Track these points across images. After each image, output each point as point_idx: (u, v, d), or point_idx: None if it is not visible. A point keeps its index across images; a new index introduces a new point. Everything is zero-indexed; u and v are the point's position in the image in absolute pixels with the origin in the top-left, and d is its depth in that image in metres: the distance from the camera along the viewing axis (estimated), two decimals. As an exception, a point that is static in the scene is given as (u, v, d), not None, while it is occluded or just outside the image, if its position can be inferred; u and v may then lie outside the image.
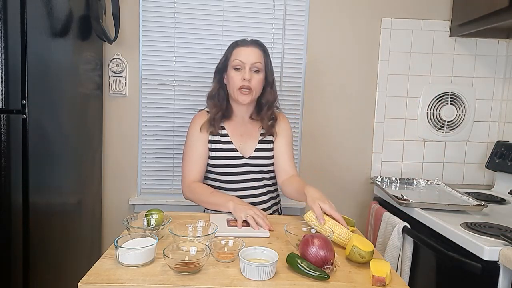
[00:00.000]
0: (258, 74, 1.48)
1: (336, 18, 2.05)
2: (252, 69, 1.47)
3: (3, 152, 1.20)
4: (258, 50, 1.49)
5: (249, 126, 1.57)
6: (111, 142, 2.03)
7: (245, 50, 1.48)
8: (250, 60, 1.46)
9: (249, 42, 1.51)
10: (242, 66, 1.46)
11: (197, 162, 1.53)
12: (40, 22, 1.34)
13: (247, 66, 1.46)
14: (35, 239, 1.32)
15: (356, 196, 2.15)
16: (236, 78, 1.47)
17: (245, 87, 1.46)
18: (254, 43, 1.51)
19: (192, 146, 1.54)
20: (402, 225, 1.58)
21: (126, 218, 1.19)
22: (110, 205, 2.06)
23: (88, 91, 1.81)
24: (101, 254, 1.08)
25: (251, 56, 1.47)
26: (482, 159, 2.15)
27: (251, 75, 1.46)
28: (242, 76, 1.45)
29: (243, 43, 1.50)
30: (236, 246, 1.09)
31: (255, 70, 1.48)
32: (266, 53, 1.52)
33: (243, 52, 1.47)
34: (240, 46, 1.49)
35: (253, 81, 1.47)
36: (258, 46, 1.51)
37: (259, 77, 1.48)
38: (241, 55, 1.47)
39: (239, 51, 1.48)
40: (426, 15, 2.07)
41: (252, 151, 1.54)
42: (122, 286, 0.91)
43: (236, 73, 1.47)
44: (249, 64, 1.46)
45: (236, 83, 1.47)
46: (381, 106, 2.11)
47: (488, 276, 1.20)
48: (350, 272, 1.03)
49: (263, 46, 1.53)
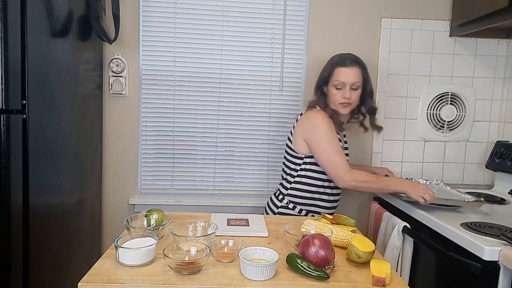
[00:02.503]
0: (356, 90, 1.65)
1: (336, 18, 2.05)
2: (351, 87, 1.63)
3: (3, 152, 1.20)
4: (357, 69, 1.63)
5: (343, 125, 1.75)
6: (111, 142, 2.03)
7: (345, 71, 1.62)
8: (350, 81, 1.62)
9: (349, 62, 1.63)
10: (343, 86, 1.63)
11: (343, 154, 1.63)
12: (40, 22, 1.34)
13: (347, 86, 1.62)
14: (35, 239, 1.32)
15: (356, 196, 2.15)
16: (337, 96, 1.64)
17: (346, 102, 1.64)
18: (354, 63, 1.63)
19: (335, 138, 1.62)
20: (402, 225, 1.58)
21: (126, 218, 1.19)
22: (110, 205, 2.06)
23: (88, 91, 1.81)
24: (101, 254, 1.08)
25: (350, 77, 1.62)
26: (482, 159, 2.15)
27: (351, 94, 1.63)
28: (343, 95, 1.63)
29: (343, 63, 1.63)
30: (236, 246, 1.09)
31: (354, 89, 1.64)
32: (364, 69, 1.67)
33: (343, 73, 1.62)
34: (341, 67, 1.63)
35: (352, 98, 1.64)
36: (357, 64, 1.64)
37: (357, 93, 1.66)
38: (341, 76, 1.62)
39: (340, 72, 1.63)
40: (426, 15, 2.07)
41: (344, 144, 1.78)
42: (122, 286, 0.91)
43: (337, 91, 1.64)
44: (349, 84, 1.62)
45: (337, 100, 1.65)
46: (381, 106, 2.11)
47: (488, 276, 1.20)
48: (350, 272, 1.03)
49: (362, 64, 1.66)
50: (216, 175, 2.09)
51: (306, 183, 1.68)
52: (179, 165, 2.07)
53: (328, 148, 1.59)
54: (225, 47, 2.02)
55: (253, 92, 2.05)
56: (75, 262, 1.69)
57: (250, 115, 2.06)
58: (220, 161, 2.08)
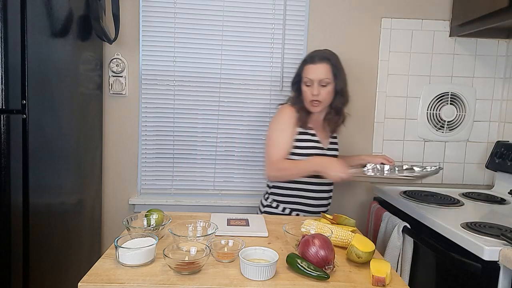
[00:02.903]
0: (326, 87, 1.62)
1: (336, 18, 2.05)
2: (320, 84, 1.60)
3: (3, 152, 1.20)
4: (325, 66, 1.61)
5: (325, 124, 1.73)
6: (111, 142, 2.03)
7: (313, 68, 1.61)
8: (318, 77, 1.60)
9: (317, 59, 1.61)
10: (311, 83, 1.61)
11: (283, 148, 1.63)
12: (40, 22, 1.34)
13: (315, 83, 1.60)
14: (35, 239, 1.32)
15: (356, 196, 2.15)
16: (307, 93, 1.63)
17: (315, 100, 1.62)
18: (322, 59, 1.61)
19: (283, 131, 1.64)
20: (402, 225, 1.58)
21: (126, 218, 1.19)
22: (110, 205, 2.06)
23: (88, 91, 1.81)
24: (101, 254, 1.08)
25: (318, 73, 1.60)
26: (482, 159, 2.15)
27: (319, 90, 1.60)
28: (311, 92, 1.61)
29: (311, 60, 1.62)
30: (236, 246, 1.09)
31: (323, 85, 1.61)
32: (334, 65, 1.63)
33: (311, 70, 1.61)
34: (309, 64, 1.62)
35: (321, 95, 1.61)
36: (326, 61, 1.61)
37: (327, 90, 1.62)
38: (309, 73, 1.61)
39: (308, 69, 1.62)
40: (426, 15, 2.07)
41: (328, 143, 1.73)
42: (122, 286, 0.91)
43: (307, 88, 1.63)
44: (317, 81, 1.60)
45: (307, 97, 1.64)
46: (381, 106, 2.11)
47: (488, 276, 1.20)
48: (350, 272, 1.03)
49: (331, 59, 1.63)
50: (216, 175, 2.09)
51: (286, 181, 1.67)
52: (179, 165, 2.07)
53: (270, 140, 1.64)
54: (225, 47, 2.02)
55: (253, 92, 2.05)
56: (75, 262, 1.69)
57: (250, 115, 2.06)
58: (220, 161, 2.08)
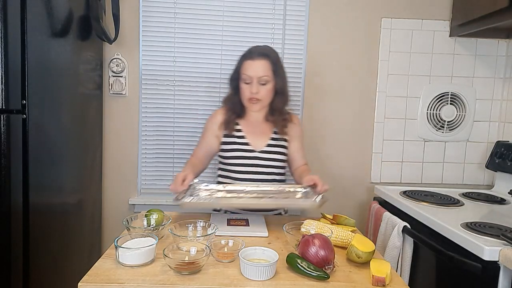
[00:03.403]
0: (265, 85, 1.53)
1: (336, 18, 2.05)
2: (260, 82, 1.52)
3: (3, 152, 1.20)
4: (265, 62, 1.52)
5: (263, 125, 1.64)
6: (111, 142, 2.03)
7: (252, 64, 1.52)
8: (257, 74, 1.51)
9: (256, 54, 1.52)
10: (250, 80, 1.52)
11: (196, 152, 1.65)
12: (40, 22, 1.34)
13: (255, 80, 1.51)
14: (35, 239, 1.32)
15: (356, 196, 2.15)
16: (245, 91, 1.54)
17: (254, 98, 1.53)
18: (261, 56, 1.52)
19: (202, 137, 1.66)
20: (402, 225, 1.58)
21: (126, 218, 1.19)
22: (110, 205, 2.06)
23: (88, 91, 1.81)
24: (101, 254, 1.08)
25: (257, 70, 1.51)
26: (482, 159, 2.15)
27: (258, 88, 1.52)
28: (250, 90, 1.52)
29: (250, 56, 1.53)
30: (236, 246, 1.09)
31: (262, 83, 1.52)
32: (274, 62, 1.55)
33: (250, 66, 1.52)
34: (248, 60, 1.53)
35: (260, 93, 1.53)
36: (265, 57, 1.53)
37: (267, 88, 1.54)
38: (248, 70, 1.52)
39: (247, 65, 1.52)
40: (426, 15, 2.07)
41: (264, 146, 1.59)
42: (122, 286, 0.91)
43: (245, 86, 1.54)
44: (256, 78, 1.51)
45: (245, 95, 1.55)
46: (381, 106, 2.11)
47: (488, 276, 1.20)
48: (350, 272, 1.03)
49: (271, 56, 1.54)
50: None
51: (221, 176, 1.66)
52: (179, 165, 2.07)
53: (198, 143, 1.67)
54: (225, 47, 2.02)
55: (253, 92, 2.05)
56: (75, 262, 1.68)
57: (250, 115, 2.06)
58: (220, 161, 2.08)
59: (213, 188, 1.50)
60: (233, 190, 1.49)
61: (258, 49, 1.55)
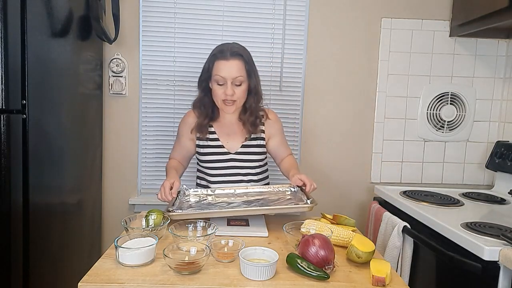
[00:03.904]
0: (240, 86, 1.48)
1: (336, 18, 2.05)
2: (234, 83, 1.47)
3: (3, 152, 1.20)
4: (238, 62, 1.46)
5: (236, 126, 1.61)
6: (111, 142, 2.03)
7: (225, 64, 1.45)
8: (231, 76, 1.45)
9: (229, 54, 1.46)
10: (224, 81, 1.46)
11: (179, 152, 1.66)
12: (40, 22, 1.34)
13: (229, 81, 1.46)
14: (35, 239, 1.32)
15: (356, 196, 2.15)
16: (219, 92, 1.48)
17: (228, 100, 1.48)
18: (234, 55, 1.46)
19: (178, 138, 1.66)
20: (402, 225, 1.58)
21: (124, 218, 1.19)
22: (110, 205, 2.06)
23: (88, 91, 1.81)
24: (101, 254, 1.08)
25: (232, 71, 1.45)
26: (482, 159, 2.15)
27: (233, 89, 1.47)
28: (225, 91, 1.47)
29: (223, 56, 1.46)
30: (236, 246, 1.09)
31: (237, 84, 1.48)
32: (247, 61, 1.49)
33: (224, 67, 1.45)
34: (220, 60, 1.46)
35: (235, 94, 1.48)
36: (238, 57, 1.47)
37: (241, 89, 1.49)
38: (221, 71, 1.45)
39: (220, 66, 1.46)
40: (426, 15, 2.07)
41: (238, 147, 1.58)
42: (122, 286, 0.91)
43: (219, 88, 1.48)
44: (230, 79, 1.46)
45: (219, 97, 1.49)
46: (381, 106, 2.11)
47: (488, 276, 1.20)
48: (350, 272, 1.03)
49: (244, 55, 1.49)
50: (216, 175, 2.09)
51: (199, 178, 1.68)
52: (179, 165, 2.07)
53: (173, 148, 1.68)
54: (225, 47, 2.01)
55: (253, 92, 2.05)
56: (75, 262, 1.68)
57: (250, 115, 2.06)
58: (220, 161, 2.08)
59: (202, 193, 1.52)
60: (222, 194, 1.50)
61: (229, 47, 1.48)
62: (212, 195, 1.50)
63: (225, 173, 1.58)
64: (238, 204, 1.38)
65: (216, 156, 1.58)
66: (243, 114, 1.58)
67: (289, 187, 1.52)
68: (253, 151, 1.59)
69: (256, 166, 1.61)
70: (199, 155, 1.62)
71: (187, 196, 1.50)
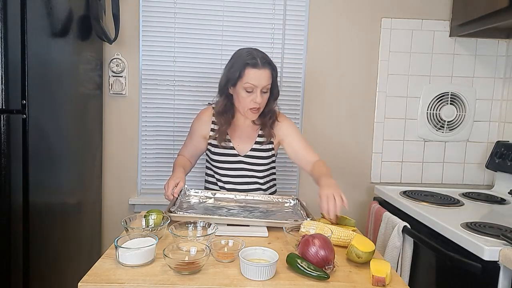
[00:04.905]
0: (266, 93, 1.52)
1: (336, 18, 2.05)
2: (262, 91, 1.50)
3: (3, 152, 1.20)
4: (268, 72, 1.49)
5: (249, 129, 1.64)
6: (111, 142, 2.03)
7: (257, 73, 1.46)
8: (262, 84, 1.48)
9: (261, 64, 1.46)
10: (254, 89, 1.48)
11: (183, 150, 1.69)
12: (40, 22, 1.34)
13: (259, 90, 1.48)
14: (35, 239, 1.32)
15: (356, 196, 2.15)
16: (247, 100, 1.50)
17: (256, 108, 1.51)
18: (266, 65, 1.48)
19: (190, 134, 1.68)
20: (402, 225, 1.58)
21: (124, 218, 1.18)
22: (110, 205, 2.06)
23: (88, 91, 1.81)
24: (101, 254, 1.08)
25: (263, 80, 1.47)
26: (482, 159, 2.15)
27: (261, 97, 1.50)
28: (253, 99, 1.49)
29: (255, 64, 1.46)
30: (236, 246, 1.08)
31: (264, 92, 1.51)
32: (274, 70, 1.53)
33: (255, 75, 1.46)
34: (252, 68, 1.46)
35: (262, 102, 1.51)
36: (268, 66, 1.49)
37: (267, 95, 1.53)
38: (253, 79, 1.46)
39: (251, 74, 1.46)
40: (426, 15, 2.07)
41: (248, 150, 1.61)
42: (122, 286, 0.91)
43: (247, 95, 1.49)
44: (260, 87, 1.48)
45: (246, 104, 1.51)
46: (381, 106, 2.11)
47: (488, 276, 1.20)
48: (350, 272, 1.03)
49: (272, 64, 1.52)
50: (216, 175, 2.09)
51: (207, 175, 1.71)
52: (179, 165, 2.07)
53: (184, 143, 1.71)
54: (225, 47, 2.01)
55: (253, 92, 2.05)
56: (75, 262, 1.68)
57: (250, 115, 2.06)
58: (220, 161, 2.08)
59: (203, 195, 1.53)
60: (222, 198, 1.52)
61: (260, 55, 1.49)
62: (212, 198, 1.52)
63: (233, 174, 1.62)
64: (238, 212, 1.39)
65: (227, 157, 1.61)
66: (263, 117, 1.60)
67: (289, 199, 1.54)
68: (260, 155, 1.61)
69: (262, 170, 1.63)
70: (210, 153, 1.64)
71: (187, 197, 1.51)
